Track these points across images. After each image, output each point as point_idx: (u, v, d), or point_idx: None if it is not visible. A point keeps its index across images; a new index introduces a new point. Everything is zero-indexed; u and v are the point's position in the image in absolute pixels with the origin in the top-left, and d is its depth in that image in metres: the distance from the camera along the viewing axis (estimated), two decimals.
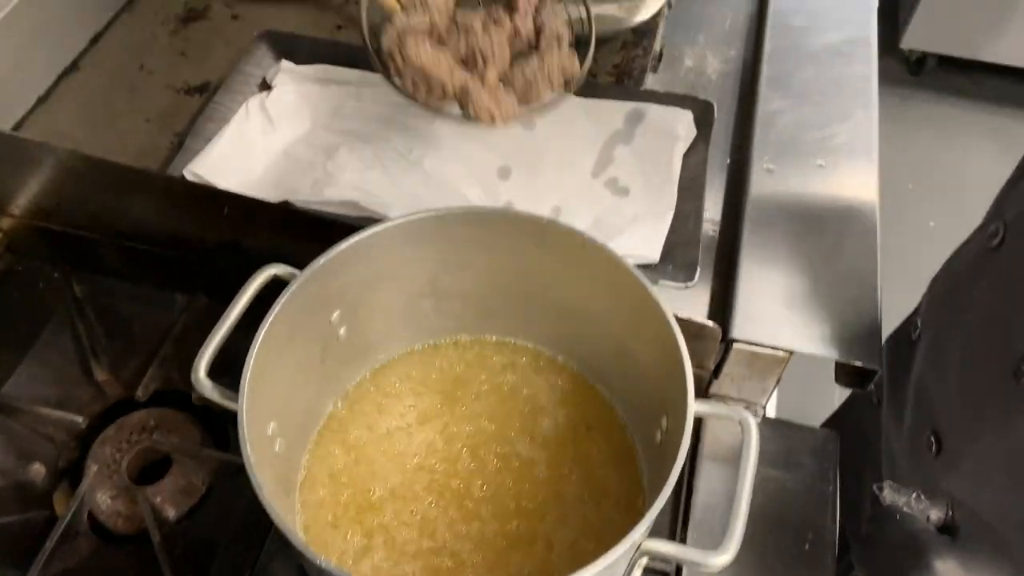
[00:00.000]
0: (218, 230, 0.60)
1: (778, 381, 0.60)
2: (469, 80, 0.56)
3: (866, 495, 0.79)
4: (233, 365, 0.45)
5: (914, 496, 0.59)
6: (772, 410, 0.82)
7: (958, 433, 0.57)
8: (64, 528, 0.54)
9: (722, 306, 0.61)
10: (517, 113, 0.57)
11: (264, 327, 0.44)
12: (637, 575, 0.44)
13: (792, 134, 0.70)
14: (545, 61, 0.57)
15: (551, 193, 0.66)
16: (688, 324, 0.54)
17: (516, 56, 0.59)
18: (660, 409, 0.48)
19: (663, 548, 0.41)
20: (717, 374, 0.59)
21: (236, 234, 0.60)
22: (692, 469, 0.59)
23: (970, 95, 2.16)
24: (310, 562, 0.37)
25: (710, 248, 0.65)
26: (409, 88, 0.56)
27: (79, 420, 0.60)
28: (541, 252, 0.51)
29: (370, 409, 0.54)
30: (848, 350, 0.57)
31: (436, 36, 0.57)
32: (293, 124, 0.71)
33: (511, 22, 0.59)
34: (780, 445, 0.60)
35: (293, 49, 0.75)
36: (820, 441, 0.61)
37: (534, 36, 0.60)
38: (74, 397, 0.62)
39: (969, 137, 2.09)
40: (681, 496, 0.57)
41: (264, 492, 0.38)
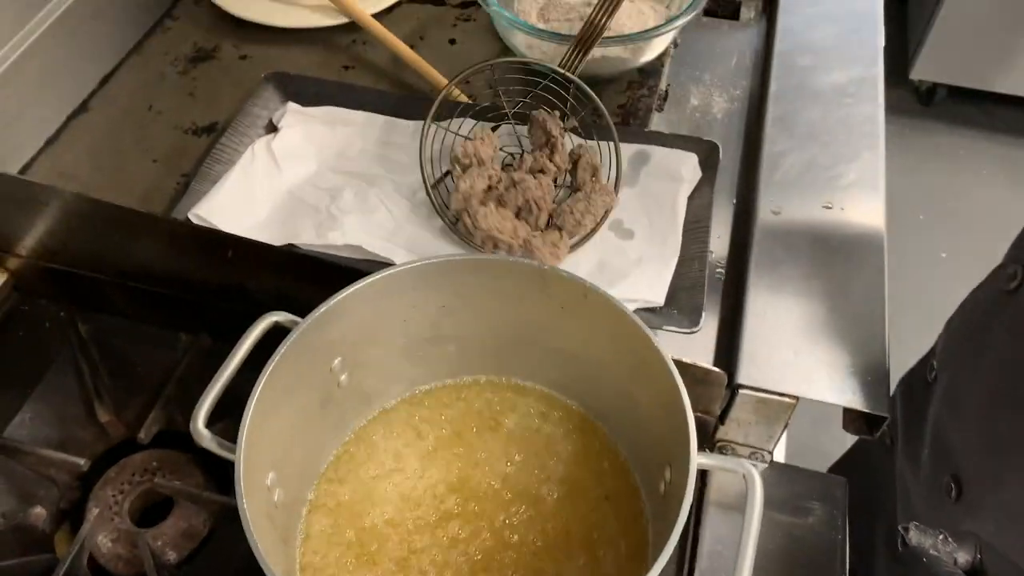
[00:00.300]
0: (222, 273, 0.60)
1: (785, 426, 0.59)
2: (531, 237, 0.63)
3: (879, 538, 0.77)
4: (236, 406, 0.44)
5: (940, 538, 0.58)
6: (782, 450, 0.81)
7: (980, 480, 0.56)
8: (65, 571, 0.53)
9: (728, 350, 0.60)
10: (568, 251, 0.64)
11: (263, 378, 0.44)
12: None
13: (798, 175, 0.69)
14: (591, 201, 0.63)
15: None
16: (693, 369, 0.54)
17: (559, 189, 0.67)
18: (664, 459, 0.47)
19: None
20: (723, 420, 0.59)
21: (240, 277, 0.60)
22: (698, 517, 0.58)
23: (981, 125, 2.16)
24: None
25: (716, 291, 0.64)
26: (478, 244, 0.64)
27: (81, 462, 0.60)
28: (543, 299, 0.50)
29: (371, 455, 0.54)
30: (855, 396, 0.56)
31: (497, 195, 0.65)
32: (299, 166, 0.71)
33: (552, 163, 0.66)
34: (788, 491, 0.59)
35: (300, 90, 0.76)
36: (829, 487, 0.60)
37: (572, 167, 0.67)
38: (77, 438, 0.62)
39: (980, 167, 2.09)
40: (687, 544, 0.57)
41: (260, 548, 0.38)
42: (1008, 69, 2.03)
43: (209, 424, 0.47)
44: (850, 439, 0.91)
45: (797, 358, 0.58)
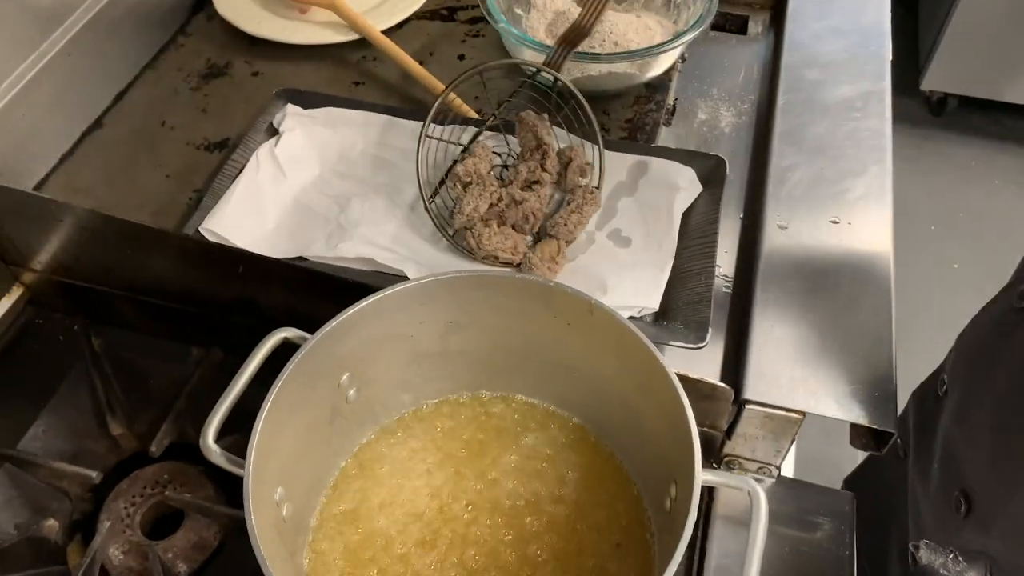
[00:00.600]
0: (233, 287, 0.61)
1: (792, 441, 0.59)
2: (529, 254, 0.65)
3: (892, 550, 0.77)
4: (247, 420, 0.45)
5: (951, 557, 0.58)
6: (791, 463, 0.80)
7: (991, 496, 0.56)
8: None
9: (735, 365, 0.60)
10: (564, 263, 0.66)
11: (271, 395, 0.44)
12: None
13: (806, 189, 0.69)
14: (583, 212, 0.66)
15: None
16: (699, 384, 0.54)
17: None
18: (670, 475, 0.47)
19: None
20: (730, 435, 0.59)
21: (251, 292, 0.61)
22: (705, 531, 0.58)
23: (992, 136, 2.15)
24: None
25: (723, 306, 0.64)
26: (480, 262, 0.66)
27: (93, 475, 0.60)
28: (549, 315, 0.51)
29: (379, 470, 0.54)
30: (863, 412, 0.56)
31: (498, 212, 0.66)
32: (302, 170, 0.72)
33: (545, 171, 0.68)
34: (795, 506, 0.59)
35: (311, 106, 0.76)
36: (837, 502, 0.60)
37: (563, 168, 0.69)
38: (89, 451, 0.62)
39: (991, 178, 2.07)
40: (694, 559, 0.56)
41: (268, 564, 0.38)
42: (1019, 79, 2.02)
43: (220, 438, 0.48)
44: (862, 452, 0.91)
45: (804, 373, 0.58)
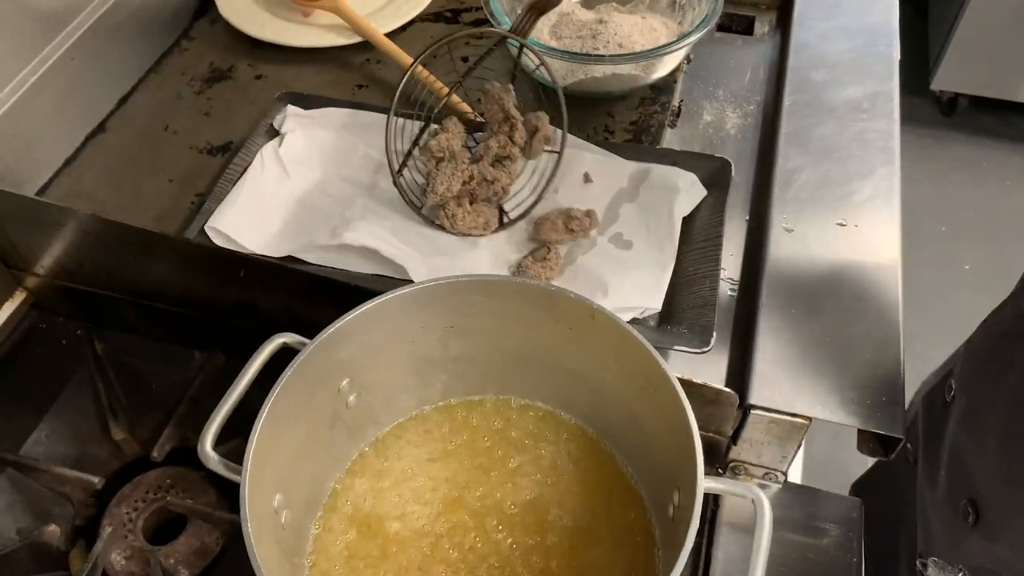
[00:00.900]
0: (234, 292, 0.61)
1: (799, 446, 0.58)
2: (522, 260, 0.66)
3: (902, 555, 0.76)
4: (248, 425, 0.44)
5: (960, 575, 0.57)
6: (799, 467, 0.80)
7: (1000, 506, 0.55)
8: None
9: (740, 370, 0.59)
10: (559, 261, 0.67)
11: (269, 402, 0.44)
12: None
13: (812, 192, 0.69)
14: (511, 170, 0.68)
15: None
16: (704, 390, 0.53)
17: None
18: (672, 482, 0.47)
19: None
20: (736, 440, 0.58)
21: (252, 296, 0.61)
22: (711, 537, 0.57)
23: (1003, 136, 2.13)
24: None
25: (728, 309, 0.64)
26: (450, 229, 0.67)
27: (95, 480, 0.60)
28: (551, 319, 0.50)
29: (379, 475, 0.54)
30: (870, 417, 0.55)
31: (469, 191, 0.67)
32: (306, 171, 0.72)
33: (513, 142, 0.69)
34: (803, 512, 0.59)
35: (312, 109, 0.76)
36: (845, 508, 0.59)
37: (529, 138, 0.70)
38: (92, 456, 0.62)
39: (1002, 178, 2.06)
40: (699, 566, 0.56)
41: (264, 573, 0.38)
42: None
43: (220, 443, 0.47)
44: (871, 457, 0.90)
45: (810, 378, 0.57)
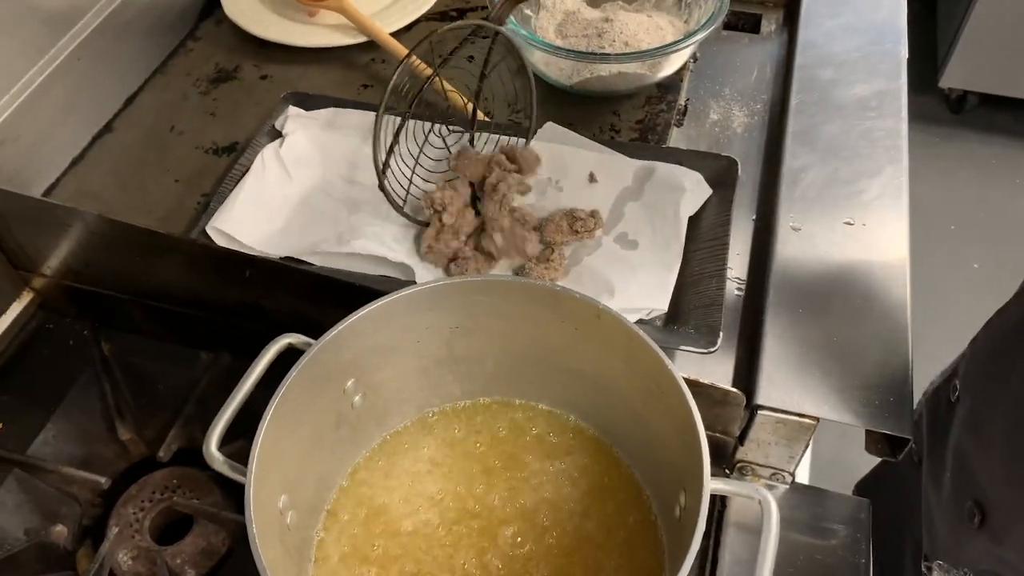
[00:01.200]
0: (240, 292, 0.61)
1: (807, 447, 0.58)
2: (525, 263, 0.65)
3: (907, 555, 0.76)
4: (254, 425, 0.44)
5: None
6: (806, 467, 0.79)
7: (1005, 508, 0.55)
8: None
9: (747, 370, 0.59)
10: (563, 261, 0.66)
11: (274, 402, 0.44)
12: None
13: (819, 190, 0.68)
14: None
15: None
16: (711, 390, 0.53)
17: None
18: (679, 483, 0.47)
19: None
20: (743, 441, 0.58)
21: (257, 296, 0.61)
22: (717, 538, 0.57)
23: (1012, 133, 2.12)
24: None
25: (735, 309, 0.64)
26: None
27: (102, 480, 0.60)
28: (556, 320, 0.50)
29: (384, 477, 0.54)
30: (878, 418, 0.55)
31: (475, 243, 0.67)
32: (308, 172, 0.72)
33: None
34: (810, 513, 0.58)
35: (316, 109, 0.76)
36: (853, 509, 0.59)
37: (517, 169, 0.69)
38: (98, 456, 0.62)
39: (1012, 176, 2.05)
40: (706, 567, 0.56)
41: (268, 574, 0.38)
42: None
43: (226, 443, 0.47)
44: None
45: (818, 378, 0.57)
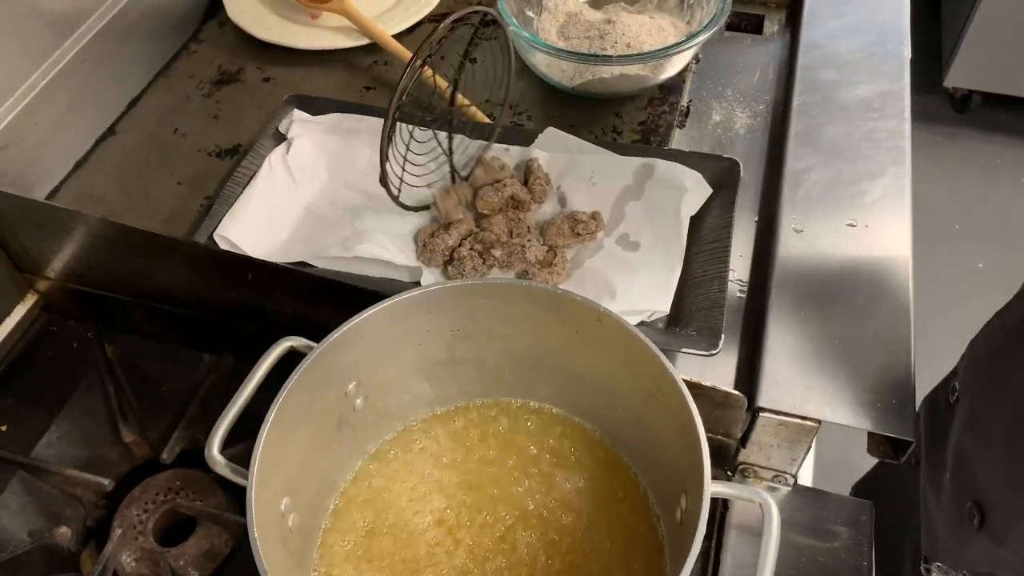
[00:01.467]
0: (243, 294, 0.61)
1: (809, 449, 0.58)
2: (528, 267, 0.65)
3: (907, 557, 0.76)
4: (257, 427, 0.44)
5: None
6: (809, 469, 0.79)
7: (1005, 508, 0.55)
8: None
9: (749, 372, 0.59)
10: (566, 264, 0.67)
11: (276, 405, 0.44)
12: None
13: (821, 192, 0.68)
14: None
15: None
16: (712, 392, 0.53)
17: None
18: (680, 485, 0.47)
19: None
20: (745, 443, 0.58)
21: (259, 299, 0.61)
22: (719, 540, 0.57)
23: (1018, 133, 2.11)
24: None
25: (737, 311, 0.64)
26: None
27: (106, 482, 0.61)
28: (557, 323, 0.50)
29: (387, 479, 0.54)
30: (880, 420, 0.55)
31: (480, 250, 0.66)
32: (313, 179, 0.72)
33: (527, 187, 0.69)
34: (812, 515, 0.58)
35: (320, 112, 0.76)
36: (854, 511, 0.58)
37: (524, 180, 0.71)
38: (102, 458, 0.63)
39: (1017, 176, 2.04)
40: (707, 571, 0.56)
41: None
42: None
43: (229, 445, 0.47)
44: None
45: (820, 380, 0.57)
